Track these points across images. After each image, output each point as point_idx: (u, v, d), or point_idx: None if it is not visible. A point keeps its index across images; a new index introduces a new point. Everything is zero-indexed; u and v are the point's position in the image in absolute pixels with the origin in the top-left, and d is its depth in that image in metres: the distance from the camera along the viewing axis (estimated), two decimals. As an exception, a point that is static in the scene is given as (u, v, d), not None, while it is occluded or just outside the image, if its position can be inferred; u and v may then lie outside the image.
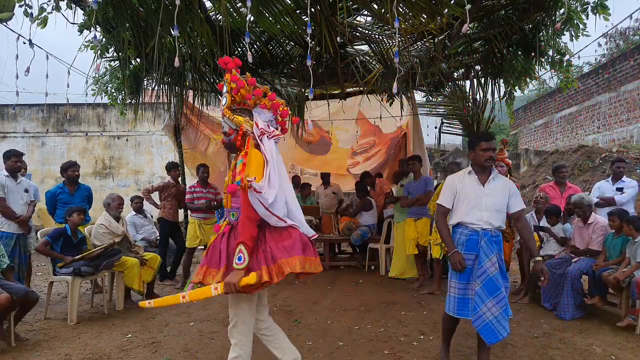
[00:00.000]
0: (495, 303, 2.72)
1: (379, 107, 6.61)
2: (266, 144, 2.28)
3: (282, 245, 2.21)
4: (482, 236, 2.83)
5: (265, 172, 2.20)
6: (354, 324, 4.08)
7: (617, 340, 3.60)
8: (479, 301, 2.75)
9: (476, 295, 2.77)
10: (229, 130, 2.36)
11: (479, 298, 2.75)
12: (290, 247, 2.21)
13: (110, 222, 4.80)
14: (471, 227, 2.88)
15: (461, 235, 2.91)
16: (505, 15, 4.63)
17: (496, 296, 2.73)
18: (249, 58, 3.24)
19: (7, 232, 4.44)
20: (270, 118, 2.42)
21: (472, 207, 2.88)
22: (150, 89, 5.57)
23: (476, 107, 6.18)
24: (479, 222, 2.86)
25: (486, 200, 2.86)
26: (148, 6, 3.95)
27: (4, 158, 4.59)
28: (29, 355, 3.36)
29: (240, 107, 2.38)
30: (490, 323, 2.72)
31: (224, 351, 3.42)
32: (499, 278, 2.76)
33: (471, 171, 2.98)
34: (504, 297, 2.74)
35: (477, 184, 2.92)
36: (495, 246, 2.83)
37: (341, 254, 8.36)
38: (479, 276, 2.78)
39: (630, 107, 11.36)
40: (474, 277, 2.81)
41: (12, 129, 12.15)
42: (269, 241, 2.23)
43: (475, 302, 2.77)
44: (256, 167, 2.21)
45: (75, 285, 4.23)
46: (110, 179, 12.19)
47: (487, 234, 2.84)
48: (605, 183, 5.39)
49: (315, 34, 4.22)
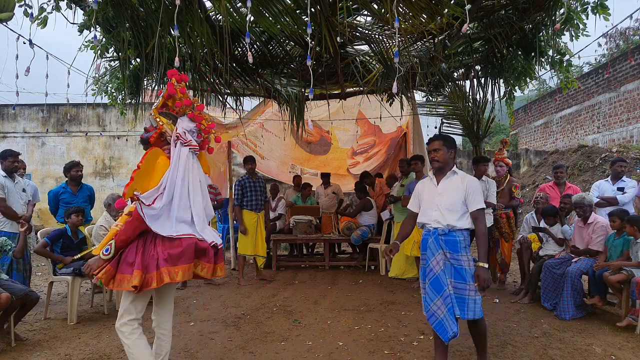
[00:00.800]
0: (442, 301, 2.78)
1: (379, 107, 6.60)
2: (178, 149, 2.42)
3: (169, 253, 2.28)
4: (432, 235, 2.89)
5: (162, 179, 2.32)
6: (354, 324, 4.08)
7: (617, 340, 3.60)
8: (429, 300, 2.84)
9: (426, 294, 2.87)
10: (150, 127, 2.54)
11: (429, 297, 2.85)
12: (177, 257, 2.29)
13: (110, 223, 4.79)
14: (426, 227, 2.97)
15: (422, 236, 3.03)
16: (505, 15, 4.63)
17: (442, 295, 2.78)
18: (249, 58, 3.24)
19: (9, 232, 4.44)
20: (191, 128, 2.54)
21: (427, 208, 2.98)
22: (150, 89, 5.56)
23: (476, 107, 6.19)
24: (430, 222, 2.93)
25: (438, 199, 2.92)
26: (148, 6, 3.95)
27: (1, 159, 4.58)
28: (29, 355, 3.36)
29: (168, 112, 2.55)
30: (442, 321, 2.78)
31: (224, 351, 3.42)
32: (443, 277, 2.80)
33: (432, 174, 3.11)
34: (448, 296, 2.77)
35: (433, 185, 3.02)
36: (445, 245, 2.84)
37: (341, 254, 8.37)
38: (426, 275, 2.88)
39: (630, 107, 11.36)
40: (424, 276, 2.91)
41: (12, 129, 12.15)
42: (158, 247, 2.30)
43: (426, 300, 2.87)
44: (148, 174, 2.35)
45: (75, 285, 4.23)
46: (110, 179, 12.19)
47: (435, 232, 2.88)
48: (605, 183, 5.38)
49: (315, 34, 4.22)
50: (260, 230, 6.13)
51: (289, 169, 9.31)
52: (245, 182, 6.05)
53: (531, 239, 5.20)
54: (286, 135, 7.68)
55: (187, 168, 2.42)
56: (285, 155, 8.95)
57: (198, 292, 5.47)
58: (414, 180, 5.88)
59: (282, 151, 8.75)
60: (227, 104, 6.27)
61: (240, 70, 5.42)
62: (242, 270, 6.19)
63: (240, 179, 6.13)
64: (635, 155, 9.48)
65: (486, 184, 5.21)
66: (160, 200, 2.29)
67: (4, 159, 4.55)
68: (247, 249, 6.03)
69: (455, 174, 2.96)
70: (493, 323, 4.07)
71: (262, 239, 6.16)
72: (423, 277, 2.93)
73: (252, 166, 6.19)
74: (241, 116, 6.78)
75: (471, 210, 2.86)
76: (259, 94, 6.40)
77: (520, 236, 5.44)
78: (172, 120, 2.52)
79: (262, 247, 6.15)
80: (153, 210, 2.26)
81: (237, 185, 6.07)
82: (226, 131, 7.47)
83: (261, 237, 6.13)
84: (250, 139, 8.19)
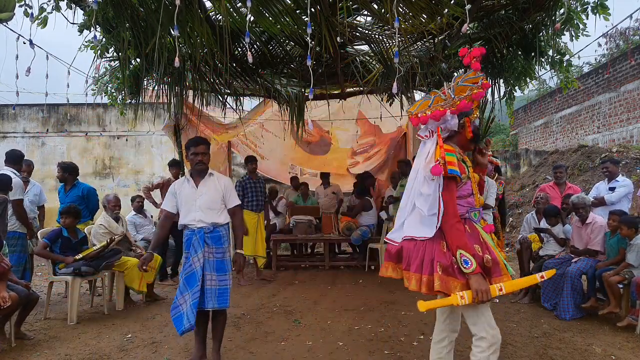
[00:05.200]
0: (191, 295, 2.95)
1: (379, 107, 6.60)
2: None
3: None
4: (196, 234, 3.04)
5: None
6: (354, 324, 4.08)
7: (617, 340, 3.61)
8: (179, 293, 3.02)
9: (178, 289, 3.04)
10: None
11: (179, 290, 3.03)
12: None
13: (109, 222, 4.80)
14: (190, 227, 3.10)
15: (185, 236, 3.15)
16: (505, 15, 4.63)
17: (192, 289, 2.96)
18: (249, 58, 3.24)
19: (20, 232, 4.47)
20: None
21: (188, 210, 3.10)
22: (150, 89, 5.56)
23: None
24: (193, 222, 3.07)
25: (200, 200, 3.07)
26: (148, 6, 3.94)
27: (17, 160, 4.67)
28: (29, 355, 3.36)
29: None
30: (182, 314, 2.96)
31: (224, 351, 3.42)
32: (198, 273, 2.98)
33: (189, 177, 3.22)
34: (197, 291, 2.95)
35: (192, 187, 3.14)
36: (210, 242, 3.06)
37: (341, 254, 8.36)
38: (184, 270, 3.04)
39: (630, 107, 11.35)
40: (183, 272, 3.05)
41: (12, 129, 12.15)
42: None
43: (176, 294, 3.04)
44: None
45: (75, 285, 4.23)
46: (110, 179, 12.18)
47: (201, 231, 3.05)
48: (602, 183, 5.43)
49: (315, 34, 4.22)
50: (260, 230, 6.13)
51: (288, 169, 9.31)
52: (245, 182, 6.05)
53: (531, 239, 5.20)
54: (286, 136, 7.67)
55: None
56: (285, 156, 8.95)
57: (198, 292, 5.46)
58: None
59: (282, 151, 8.75)
60: (227, 104, 6.27)
61: (240, 70, 5.42)
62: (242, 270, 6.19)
63: (241, 179, 6.14)
64: (635, 155, 9.47)
65: (486, 184, 5.19)
66: None
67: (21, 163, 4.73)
68: (246, 249, 6.00)
69: (212, 175, 3.19)
70: (493, 323, 4.07)
71: (262, 239, 6.16)
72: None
73: (254, 166, 6.19)
74: (241, 116, 6.78)
75: (231, 206, 3.18)
76: (259, 94, 6.40)
77: (520, 236, 5.43)
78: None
79: (262, 248, 6.15)
80: None
81: (237, 186, 6.07)
82: (226, 131, 7.47)
83: (261, 238, 6.13)
84: (250, 139, 8.19)
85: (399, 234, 2.26)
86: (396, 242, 2.26)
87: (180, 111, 6.29)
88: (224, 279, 3.08)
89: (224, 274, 3.08)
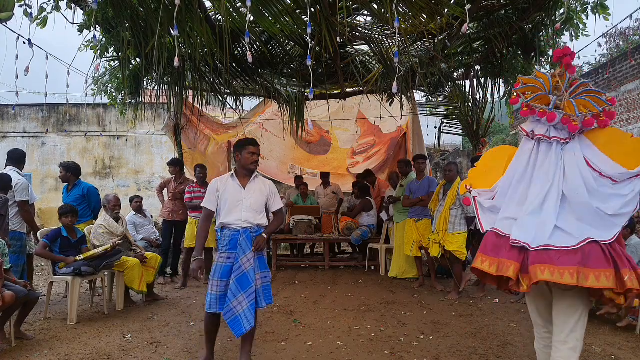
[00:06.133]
0: (245, 297, 2.92)
1: (379, 107, 6.60)
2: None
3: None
4: (242, 234, 3.01)
5: None
6: (354, 324, 4.08)
7: (617, 340, 3.61)
8: (231, 296, 2.93)
9: (229, 291, 2.95)
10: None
11: (231, 293, 2.94)
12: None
13: (109, 223, 4.80)
14: (232, 227, 3.03)
15: (224, 237, 3.06)
16: (505, 15, 4.64)
17: (246, 291, 2.93)
18: (248, 58, 3.24)
19: (20, 232, 4.47)
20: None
21: (234, 209, 3.05)
22: (150, 89, 5.56)
23: (476, 107, 6.19)
24: (239, 222, 3.03)
25: (248, 201, 3.07)
26: (148, 6, 3.94)
27: (20, 160, 4.70)
28: (29, 355, 3.36)
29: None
30: (239, 317, 2.91)
31: (224, 351, 3.42)
32: (251, 274, 2.97)
33: (233, 174, 3.16)
34: (253, 292, 2.95)
35: (238, 186, 3.10)
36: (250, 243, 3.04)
37: (341, 254, 8.36)
38: (234, 272, 2.96)
39: (630, 107, 11.35)
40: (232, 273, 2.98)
41: (12, 129, 12.14)
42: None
43: (228, 297, 2.94)
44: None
45: (75, 285, 4.23)
46: (110, 179, 12.18)
47: (247, 231, 3.03)
48: None
49: (315, 34, 4.22)
50: (260, 230, 6.13)
51: (288, 169, 9.32)
52: (245, 182, 6.05)
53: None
54: (286, 135, 7.68)
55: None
56: (285, 156, 8.95)
57: (198, 292, 5.47)
58: (414, 180, 5.88)
59: (282, 151, 8.75)
60: (227, 104, 6.27)
61: (240, 70, 5.42)
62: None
63: (241, 179, 6.13)
64: (635, 155, 9.47)
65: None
66: None
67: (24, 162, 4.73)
68: (246, 249, 6.03)
69: (258, 177, 3.20)
70: (493, 323, 4.07)
71: (262, 239, 6.16)
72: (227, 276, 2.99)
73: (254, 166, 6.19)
74: (241, 116, 6.79)
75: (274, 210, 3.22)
76: (259, 94, 6.40)
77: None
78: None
79: (261, 247, 6.15)
80: None
81: (237, 186, 6.07)
82: (226, 131, 7.48)
83: (261, 237, 6.13)
84: (250, 139, 8.19)
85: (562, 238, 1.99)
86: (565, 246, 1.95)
87: (180, 111, 6.31)
88: (267, 275, 3.14)
89: (267, 271, 3.15)
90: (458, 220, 5.02)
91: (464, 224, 5.05)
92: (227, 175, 3.19)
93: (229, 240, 3.03)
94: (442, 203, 5.12)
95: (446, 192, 5.15)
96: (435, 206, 5.26)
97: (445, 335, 3.73)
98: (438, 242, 5.06)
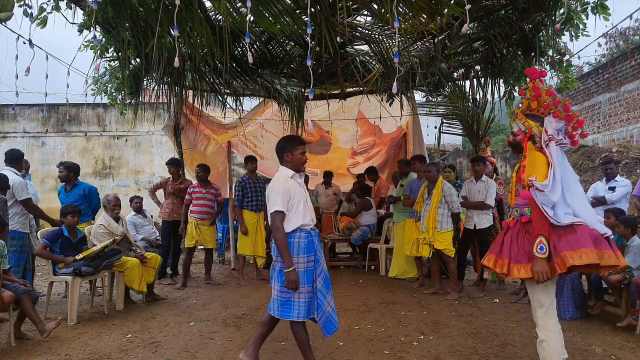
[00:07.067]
0: (331, 296, 2.94)
1: (379, 107, 6.60)
2: (552, 149, 2.50)
3: (566, 240, 2.36)
4: (314, 235, 2.93)
5: (549, 173, 2.42)
6: (354, 324, 4.08)
7: (617, 340, 3.60)
8: (322, 297, 2.86)
9: (319, 293, 2.85)
10: (518, 131, 2.66)
11: (322, 294, 2.86)
12: (575, 241, 2.35)
13: (109, 223, 4.79)
14: (305, 228, 2.87)
15: (299, 240, 2.84)
16: (505, 15, 4.63)
17: (330, 292, 2.95)
18: (249, 58, 3.24)
19: (20, 232, 4.47)
20: (560, 127, 2.58)
21: (305, 210, 2.88)
22: (150, 89, 5.56)
23: (476, 107, 6.19)
24: (311, 223, 2.94)
25: (309, 201, 3.00)
26: (148, 6, 3.94)
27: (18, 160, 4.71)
28: (29, 355, 3.36)
29: (533, 114, 2.64)
30: (330, 316, 2.88)
31: (224, 351, 3.42)
32: (328, 275, 2.99)
33: (294, 174, 2.94)
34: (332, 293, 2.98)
35: (302, 187, 2.97)
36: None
37: (341, 254, 8.36)
38: (319, 274, 2.89)
39: (630, 107, 11.35)
40: (316, 276, 2.87)
41: (12, 129, 12.14)
42: (552, 236, 2.40)
43: (318, 299, 2.84)
44: (539, 168, 2.46)
45: (75, 285, 4.23)
46: (110, 179, 12.18)
47: (316, 232, 2.98)
48: (600, 183, 5.42)
49: (315, 34, 4.22)
50: (260, 230, 6.13)
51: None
52: (245, 182, 6.05)
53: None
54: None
55: (564, 165, 2.52)
56: (285, 156, 8.94)
57: (198, 292, 5.47)
58: (414, 180, 5.89)
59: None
60: (227, 104, 6.27)
61: (240, 70, 5.42)
62: (242, 270, 6.19)
63: (241, 179, 6.13)
64: (635, 155, 9.47)
65: (485, 185, 5.20)
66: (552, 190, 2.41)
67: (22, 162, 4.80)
68: (246, 249, 6.03)
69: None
70: (493, 323, 4.07)
71: (262, 239, 6.16)
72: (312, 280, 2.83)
73: (254, 166, 6.19)
74: (241, 116, 6.78)
75: None
76: (259, 94, 6.40)
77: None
78: (539, 122, 2.59)
79: (261, 248, 6.15)
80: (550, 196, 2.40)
81: (237, 186, 6.07)
82: (226, 131, 7.47)
83: (261, 238, 6.13)
84: (250, 139, 8.19)
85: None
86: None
87: (180, 111, 6.31)
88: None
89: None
90: (445, 219, 5.14)
91: (451, 222, 5.17)
92: (285, 174, 2.91)
93: (305, 242, 2.83)
94: (429, 202, 5.22)
95: (430, 191, 5.23)
96: (420, 207, 5.34)
97: (445, 335, 3.73)
98: (428, 242, 5.10)
